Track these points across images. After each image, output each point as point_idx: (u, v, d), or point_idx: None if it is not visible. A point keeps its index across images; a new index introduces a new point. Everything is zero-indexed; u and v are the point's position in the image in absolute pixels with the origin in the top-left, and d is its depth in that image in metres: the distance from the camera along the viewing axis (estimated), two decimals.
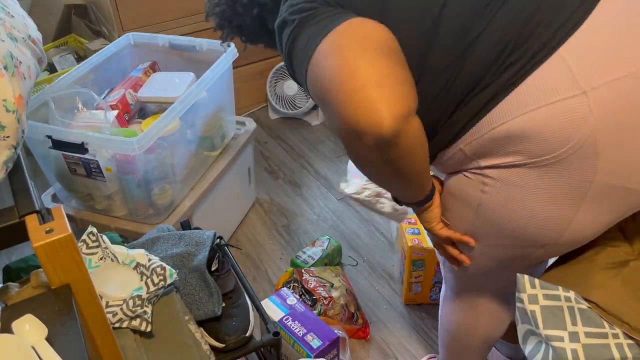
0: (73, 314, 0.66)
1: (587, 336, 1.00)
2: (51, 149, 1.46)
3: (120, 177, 1.51)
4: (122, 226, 1.58)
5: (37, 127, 1.43)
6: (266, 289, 1.75)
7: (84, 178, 1.52)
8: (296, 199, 2.11)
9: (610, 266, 1.08)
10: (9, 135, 0.86)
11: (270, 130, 2.47)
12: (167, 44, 1.86)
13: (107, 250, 1.09)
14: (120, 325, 0.99)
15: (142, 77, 1.78)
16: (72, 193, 1.63)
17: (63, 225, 0.67)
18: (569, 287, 1.05)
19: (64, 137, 1.42)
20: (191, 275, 1.17)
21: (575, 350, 0.99)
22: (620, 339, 0.99)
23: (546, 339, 1.04)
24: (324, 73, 0.78)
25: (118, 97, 1.66)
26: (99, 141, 1.42)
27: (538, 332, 1.04)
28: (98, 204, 1.60)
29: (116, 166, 1.49)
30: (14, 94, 0.87)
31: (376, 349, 1.57)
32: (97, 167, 1.47)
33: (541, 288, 1.06)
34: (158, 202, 1.58)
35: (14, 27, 1.01)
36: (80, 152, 1.43)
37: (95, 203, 1.60)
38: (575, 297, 1.03)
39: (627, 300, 1.02)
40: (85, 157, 1.45)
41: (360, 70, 0.74)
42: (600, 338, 0.99)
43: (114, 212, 1.61)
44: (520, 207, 0.86)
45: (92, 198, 1.60)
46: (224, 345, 1.12)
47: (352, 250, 1.88)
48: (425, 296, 1.69)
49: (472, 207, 0.92)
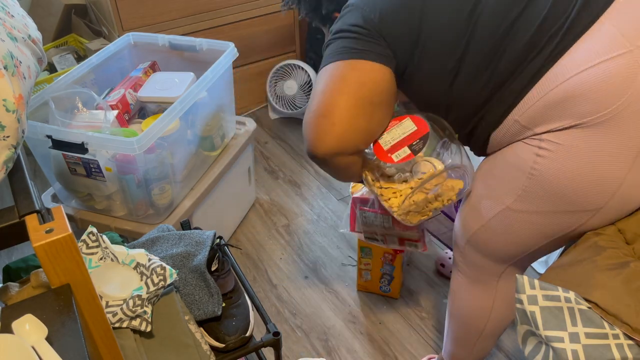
0: (73, 314, 0.66)
1: (587, 337, 1.00)
2: (51, 149, 1.46)
3: (120, 177, 1.50)
4: (122, 226, 1.57)
5: (37, 127, 1.43)
6: (266, 289, 1.75)
7: (84, 178, 1.52)
8: (296, 199, 2.11)
9: (610, 267, 1.08)
10: (9, 135, 0.86)
11: (270, 130, 2.47)
12: (167, 44, 1.86)
13: (107, 250, 1.09)
14: (121, 325, 0.99)
15: (142, 77, 1.77)
16: (72, 193, 1.62)
17: (63, 225, 0.67)
18: (569, 288, 1.05)
19: (64, 137, 1.42)
20: (191, 275, 1.17)
21: (576, 351, 0.99)
22: (620, 339, 0.99)
23: (546, 339, 1.04)
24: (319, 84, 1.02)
25: (118, 97, 1.66)
26: (99, 141, 1.42)
27: (538, 333, 1.04)
28: (98, 204, 1.60)
29: (116, 166, 1.49)
30: (14, 94, 0.87)
31: (376, 349, 1.57)
32: (97, 167, 1.47)
33: (541, 289, 1.06)
34: (158, 202, 1.58)
35: (14, 27, 1.01)
36: (80, 152, 1.43)
37: (95, 203, 1.60)
38: (575, 298, 1.03)
39: (627, 301, 1.02)
40: (85, 157, 1.44)
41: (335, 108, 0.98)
42: (601, 339, 0.99)
43: (114, 212, 1.60)
44: (573, 168, 0.89)
45: (92, 198, 1.59)
46: (224, 345, 1.12)
47: (352, 250, 1.88)
48: (376, 286, 1.72)
49: (525, 171, 0.95)
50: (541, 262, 1.76)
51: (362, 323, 1.65)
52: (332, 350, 1.58)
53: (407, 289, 1.74)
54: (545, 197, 0.95)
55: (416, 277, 1.78)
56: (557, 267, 1.15)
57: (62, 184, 1.61)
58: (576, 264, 1.12)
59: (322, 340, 1.60)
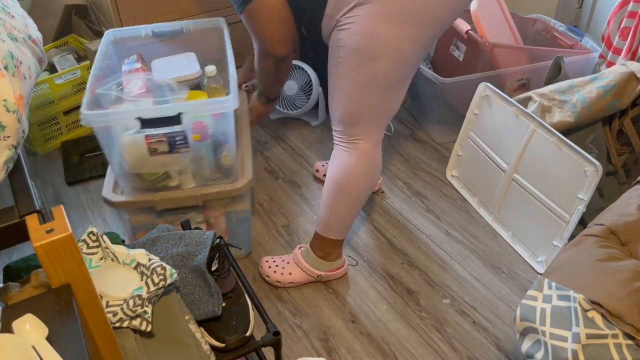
0: (73, 313, 0.66)
1: (588, 337, 1.00)
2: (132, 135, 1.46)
3: (202, 144, 1.55)
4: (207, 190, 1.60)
5: (126, 113, 1.43)
6: (266, 289, 1.75)
7: (164, 155, 1.52)
8: (296, 199, 2.11)
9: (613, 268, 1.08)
10: (9, 135, 0.86)
11: (270, 130, 2.47)
12: (150, 33, 1.79)
13: (108, 250, 1.09)
14: (121, 325, 0.99)
15: (139, 68, 1.73)
16: (141, 178, 1.60)
17: (63, 225, 0.67)
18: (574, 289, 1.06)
19: (155, 114, 1.42)
20: (191, 275, 1.17)
21: (575, 350, 1.00)
22: (619, 339, 0.99)
23: (550, 337, 1.04)
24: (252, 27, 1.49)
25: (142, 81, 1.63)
26: (195, 107, 1.44)
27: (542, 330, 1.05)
28: (172, 181, 1.61)
29: (198, 132, 1.53)
30: (14, 94, 0.87)
31: (376, 349, 1.58)
32: (183, 139, 1.49)
33: (556, 289, 1.07)
34: (225, 164, 1.62)
35: (15, 28, 1.01)
36: (175, 123, 1.44)
37: (169, 181, 1.61)
38: (581, 299, 1.04)
39: (629, 302, 1.02)
40: (171, 132, 1.46)
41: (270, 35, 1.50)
42: (600, 339, 1.00)
43: (185, 185, 1.62)
44: (360, 30, 1.34)
45: (167, 177, 1.60)
46: (224, 345, 1.12)
47: (352, 250, 1.88)
48: None
49: (337, 45, 1.41)
50: (541, 262, 1.76)
51: (362, 323, 1.65)
52: (332, 350, 1.58)
53: (407, 288, 1.75)
54: (351, 55, 1.38)
55: (416, 277, 1.78)
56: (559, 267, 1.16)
57: (134, 170, 1.57)
58: (577, 265, 1.12)
59: (322, 340, 1.61)
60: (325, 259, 1.71)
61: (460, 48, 2.24)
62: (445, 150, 2.31)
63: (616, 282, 1.04)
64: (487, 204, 1.98)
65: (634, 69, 1.68)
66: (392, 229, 1.96)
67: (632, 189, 1.40)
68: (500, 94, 1.88)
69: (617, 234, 1.16)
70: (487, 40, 2.10)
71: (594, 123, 1.76)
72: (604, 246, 1.13)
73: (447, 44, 2.32)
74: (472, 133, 2.02)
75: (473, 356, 1.55)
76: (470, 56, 2.20)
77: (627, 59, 2.01)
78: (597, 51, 2.18)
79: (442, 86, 2.13)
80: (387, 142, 2.36)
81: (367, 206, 2.06)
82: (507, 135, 1.85)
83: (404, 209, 2.04)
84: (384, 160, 2.26)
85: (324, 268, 1.72)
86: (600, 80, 1.74)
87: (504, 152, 1.88)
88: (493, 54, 2.12)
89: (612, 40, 2.09)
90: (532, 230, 1.80)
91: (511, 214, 1.88)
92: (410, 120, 2.51)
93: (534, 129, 1.75)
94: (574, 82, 1.80)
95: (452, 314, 1.66)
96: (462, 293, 1.73)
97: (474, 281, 1.76)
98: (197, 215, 1.69)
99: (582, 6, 2.45)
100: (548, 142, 1.70)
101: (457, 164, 2.13)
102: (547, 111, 1.82)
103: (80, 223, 2.01)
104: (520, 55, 2.21)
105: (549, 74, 1.96)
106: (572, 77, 1.88)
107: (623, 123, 1.76)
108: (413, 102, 2.51)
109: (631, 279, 1.05)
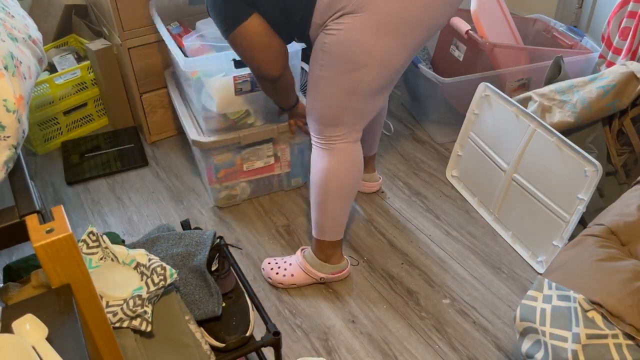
0: (73, 313, 0.66)
1: (588, 337, 1.00)
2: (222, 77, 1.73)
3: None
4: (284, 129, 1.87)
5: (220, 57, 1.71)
6: (266, 289, 1.75)
7: (248, 94, 1.78)
8: (296, 199, 2.11)
9: (613, 268, 1.08)
10: (9, 135, 0.86)
11: None
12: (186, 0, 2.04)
13: (108, 250, 1.09)
14: (121, 325, 0.99)
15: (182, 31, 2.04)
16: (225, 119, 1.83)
17: (63, 225, 0.67)
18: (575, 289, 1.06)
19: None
20: (191, 275, 1.17)
21: (575, 351, 1.00)
22: (619, 339, 0.99)
23: (550, 337, 1.04)
24: (241, 52, 1.47)
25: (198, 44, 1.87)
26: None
27: (542, 330, 1.05)
28: (250, 119, 1.85)
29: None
30: (14, 94, 0.87)
31: (376, 349, 1.58)
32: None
33: (556, 289, 1.06)
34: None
35: (15, 27, 1.01)
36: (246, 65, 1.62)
37: (248, 119, 1.85)
38: (581, 299, 1.04)
39: (629, 302, 1.02)
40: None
41: (260, 58, 1.47)
42: (600, 339, 1.00)
43: (257, 123, 1.86)
44: (345, 39, 1.33)
45: (247, 115, 1.83)
46: (224, 345, 1.12)
47: (352, 250, 1.88)
48: None
49: (321, 49, 1.39)
50: (541, 262, 1.76)
51: (362, 323, 1.65)
52: (332, 350, 1.58)
53: (407, 288, 1.75)
54: (335, 62, 1.37)
55: (416, 277, 1.78)
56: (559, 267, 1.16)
57: (222, 110, 1.80)
58: (578, 265, 1.12)
59: (322, 340, 1.61)
60: (328, 262, 1.71)
61: (460, 48, 2.24)
62: (445, 150, 2.31)
63: (616, 282, 1.04)
64: (487, 204, 1.98)
65: (634, 69, 1.68)
66: (392, 229, 1.96)
67: (632, 189, 1.40)
68: (500, 94, 1.88)
69: (617, 234, 1.16)
70: (487, 40, 2.10)
71: (594, 123, 1.76)
72: (604, 246, 1.13)
73: (447, 44, 2.32)
74: (472, 133, 2.02)
75: (473, 356, 1.55)
76: (470, 56, 2.20)
77: (627, 59, 2.01)
78: (597, 51, 2.18)
79: (442, 86, 2.13)
80: (387, 142, 2.36)
81: (367, 206, 2.06)
82: (507, 135, 1.85)
83: (404, 209, 2.04)
84: (384, 160, 2.26)
85: (327, 271, 1.72)
86: (600, 80, 1.74)
87: (504, 152, 1.88)
88: (493, 54, 2.12)
89: (612, 40, 2.10)
90: (532, 230, 1.80)
91: (511, 214, 1.88)
92: (410, 120, 2.51)
93: (534, 129, 1.75)
94: (574, 82, 1.80)
95: (452, 314, 1.67)
96: (462, 293, 1.73)
97: (474, 281, 1.77)
98: (267, 149, 1.94)
99: (582, 6, 2.45)
100: (548, 142, 1.70)
101: (457, 164, 2.13)
102: (547, 111, 1.82)
103: (80, 223, 2.01)
104: (520, 55, 2.21)
105: (549, 74, 1.96)
106: (572, 77, 1.88)
107: (623, 123, 1.76)
108: (413, 102, 2.51)
109: (631, 279, 1.05)
